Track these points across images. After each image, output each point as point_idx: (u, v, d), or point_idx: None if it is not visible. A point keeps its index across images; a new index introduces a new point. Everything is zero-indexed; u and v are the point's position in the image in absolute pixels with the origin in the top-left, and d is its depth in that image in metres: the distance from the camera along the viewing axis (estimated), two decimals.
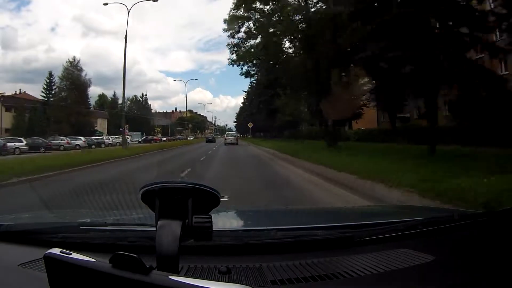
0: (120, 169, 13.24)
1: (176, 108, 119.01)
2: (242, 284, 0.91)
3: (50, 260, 0.71)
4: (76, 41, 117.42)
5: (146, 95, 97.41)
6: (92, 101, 67.85)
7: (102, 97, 75.20)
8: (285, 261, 1.06)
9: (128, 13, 30.11)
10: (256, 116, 51.97)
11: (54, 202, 4.32)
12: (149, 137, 61.65)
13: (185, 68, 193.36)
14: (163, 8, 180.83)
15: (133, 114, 67.45)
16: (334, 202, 6.13)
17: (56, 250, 0.72)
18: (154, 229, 0.81)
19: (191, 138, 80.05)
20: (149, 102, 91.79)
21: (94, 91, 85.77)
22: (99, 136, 48.59)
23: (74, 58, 54.28)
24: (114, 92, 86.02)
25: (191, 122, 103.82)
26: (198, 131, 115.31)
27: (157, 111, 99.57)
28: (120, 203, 2.46)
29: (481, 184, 5.08)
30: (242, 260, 1.07)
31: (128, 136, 50.80)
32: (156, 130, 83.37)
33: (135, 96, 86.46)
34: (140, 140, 58.62)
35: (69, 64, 53.93)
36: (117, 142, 42.68)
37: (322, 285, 0.94)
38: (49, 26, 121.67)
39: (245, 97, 72.60)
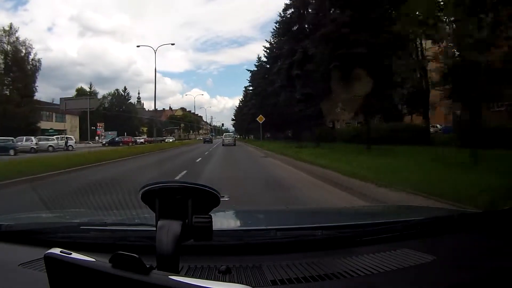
0: None
1: (169, 106, 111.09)
2: (242, 284, 0.91)
3: (50, 260, 0.71)
4: (73, 40, 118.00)
5: (139, 94, 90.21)
6: (67, 96, 49.91)
7: (79, 90, 64.13)
8: (285, 261, 1.06)
9: None
10: (272, 101, 29.80)
11: None
12: (116, 139, 46.33)
13: (183, 68, 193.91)
14: (161, 7, 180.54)
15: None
16: None
17: (56, 250, 0.72)
18: (154, 229, 0.81)
19: (171, 140, 64.02)
20: (142, 102, 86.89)
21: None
22: (53, 135, 34.89)
23: (10, 25, 39.80)
24: (91, 84, 73.08)
25: (183, 121, 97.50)
26: (191, 131, 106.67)
27: (148, 110, 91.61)
28: (120, 203, 2.45)
29: None
30: (242, 260, 1.07)
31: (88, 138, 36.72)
32: (142, 130, 72.00)
33: (117, 90, 73.79)
34: (105, 142, 43.67)
35: (3, 34, 38.13)
36: (49, 145, 29.87)
37: (322, 285, 0.94)
38: (46, 25, 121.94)
39: (248, 83, 50.65)
